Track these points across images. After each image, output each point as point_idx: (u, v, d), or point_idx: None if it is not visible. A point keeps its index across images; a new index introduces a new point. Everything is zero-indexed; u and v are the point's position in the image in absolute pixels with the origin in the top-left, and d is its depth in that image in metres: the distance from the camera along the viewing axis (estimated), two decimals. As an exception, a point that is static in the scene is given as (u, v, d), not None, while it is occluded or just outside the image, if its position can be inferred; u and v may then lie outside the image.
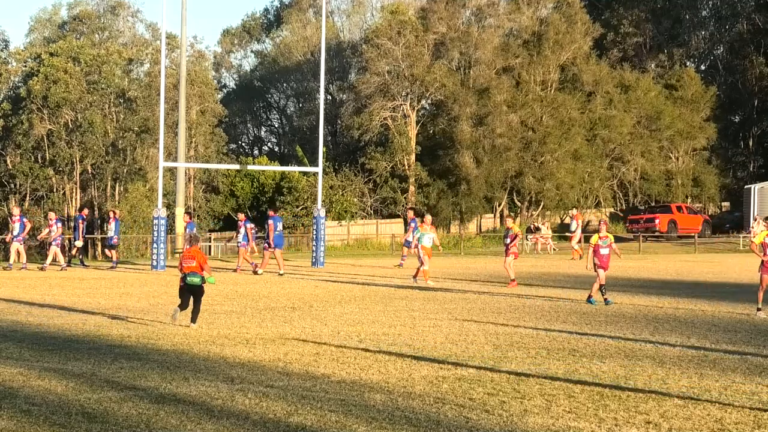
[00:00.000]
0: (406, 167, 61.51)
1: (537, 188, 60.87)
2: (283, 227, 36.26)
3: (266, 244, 31.10)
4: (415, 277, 26.71)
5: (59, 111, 61.73)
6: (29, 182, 62.48)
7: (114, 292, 22.92)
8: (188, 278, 16.33)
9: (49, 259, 32.95)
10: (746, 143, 73.66)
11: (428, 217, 28.31)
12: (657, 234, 57.09)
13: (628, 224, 60.46)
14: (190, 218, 34.16)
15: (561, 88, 63.36)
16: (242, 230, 32.32)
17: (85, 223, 35.75)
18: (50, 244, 33.12)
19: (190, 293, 16.33)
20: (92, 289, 23.84)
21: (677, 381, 11.17)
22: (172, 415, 9.11)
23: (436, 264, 36.60)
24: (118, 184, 63.54)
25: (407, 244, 34.82)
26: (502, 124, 59.24)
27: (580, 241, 42.12)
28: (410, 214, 36.50)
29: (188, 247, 16.97)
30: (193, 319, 16.21)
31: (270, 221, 30.87)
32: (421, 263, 26.55)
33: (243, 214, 34.23)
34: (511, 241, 25.76)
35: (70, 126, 62.42)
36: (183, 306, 16.38)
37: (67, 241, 38.28)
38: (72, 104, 61.91)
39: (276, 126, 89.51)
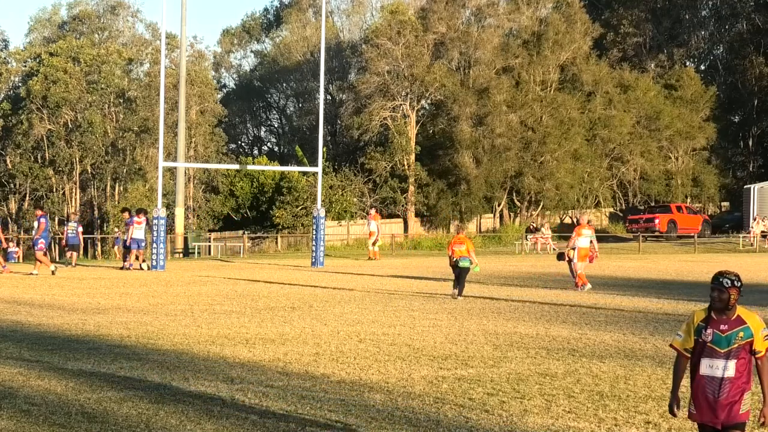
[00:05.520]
0: (406, 167, 61.51)
1: (537, 188, 60.88)
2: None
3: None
4: (579, 285, 23.91)
5: (59, 111, 61.75)
6: (29, 182, 62.50)
7: (114, 292, 22.92)
8: (460, 263, 21.02)
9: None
10: (746, 143, 73.66)
11: (585, 218, 26.34)
12: (657, 234, 57.07)
13: (627, 224, 60.45)
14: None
15: (561, 88, 63.38)
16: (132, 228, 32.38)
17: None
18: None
19: (459, 271, 20.95)
20: (92, 289, 23.83)
21: (677, 381, 11.15)
22: (172, 415, 9.11)
23: (437, 264, 36.57)
24: (117, 184, 63.57)
25: (118, 242, 33.53)
26: (502, 124, 59.25)
27: (375, 243, 41.12)
28: (125, 215, 34.09)
29: (458, 234, 22.39)
30: (460, 293, 20.81)
31: (42, 220, 30.84)
32: (577, 268, 23.97)
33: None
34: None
35: (70, 126, 62.44)
36: (456, 282, 21.10)
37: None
38: (71, 104, 61.95)
39: (276, 126, 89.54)
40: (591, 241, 24.48)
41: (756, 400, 7.89)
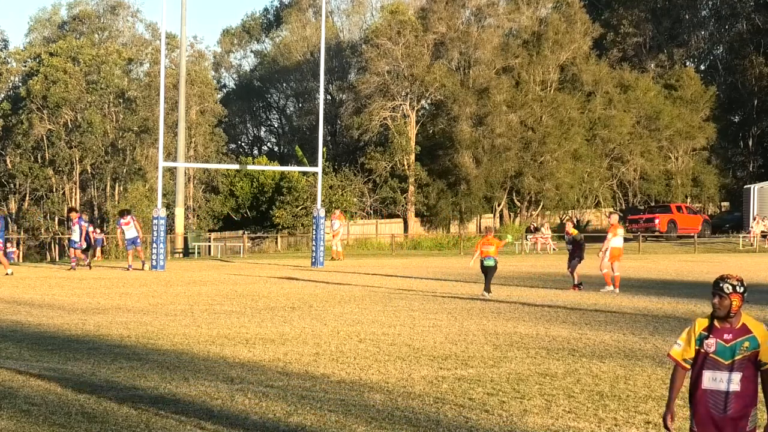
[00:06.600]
0: (406, 167, 61.52)
1: (537, 188, 60.88)
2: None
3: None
4: (615, 286, 23.89)
5: (59, 111, 61.76)
6: (29, 182, 62.50)
7: (114, 292, 22.91)
8: (485, 262, 21.92)
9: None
10: (746, 143, 73.69)
11: (614, 216, 26.14)
12: (657, 234, 57.06)
13: (627, 224, 60.38)
14: None
15: (561, 88, 63.38)
16: (76, 228, 32.10)
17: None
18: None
19: (486, 270, 21.82)
20: (92, 289, 23.82)
21: (677, 381, 11.14)
22: (172, 415, 9.11)
23: (437, 264, 36.59)
24: (117, 184, 63.60)
25: (73, 244, 32.49)
26: (502, 124, 59.25)
27: (335, 238, 41.05)
28: (72, 215, 33.49)
29: (486, 235, 22.76)
30: (486, 289, 21.57)
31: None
32: (612, 269, 23.98)
33: (76, 213, 34.05)
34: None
35: (70, 126, 62.45)
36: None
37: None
38: (71, 104, 61.95)
39: (276, 126, 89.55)
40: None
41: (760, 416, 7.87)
